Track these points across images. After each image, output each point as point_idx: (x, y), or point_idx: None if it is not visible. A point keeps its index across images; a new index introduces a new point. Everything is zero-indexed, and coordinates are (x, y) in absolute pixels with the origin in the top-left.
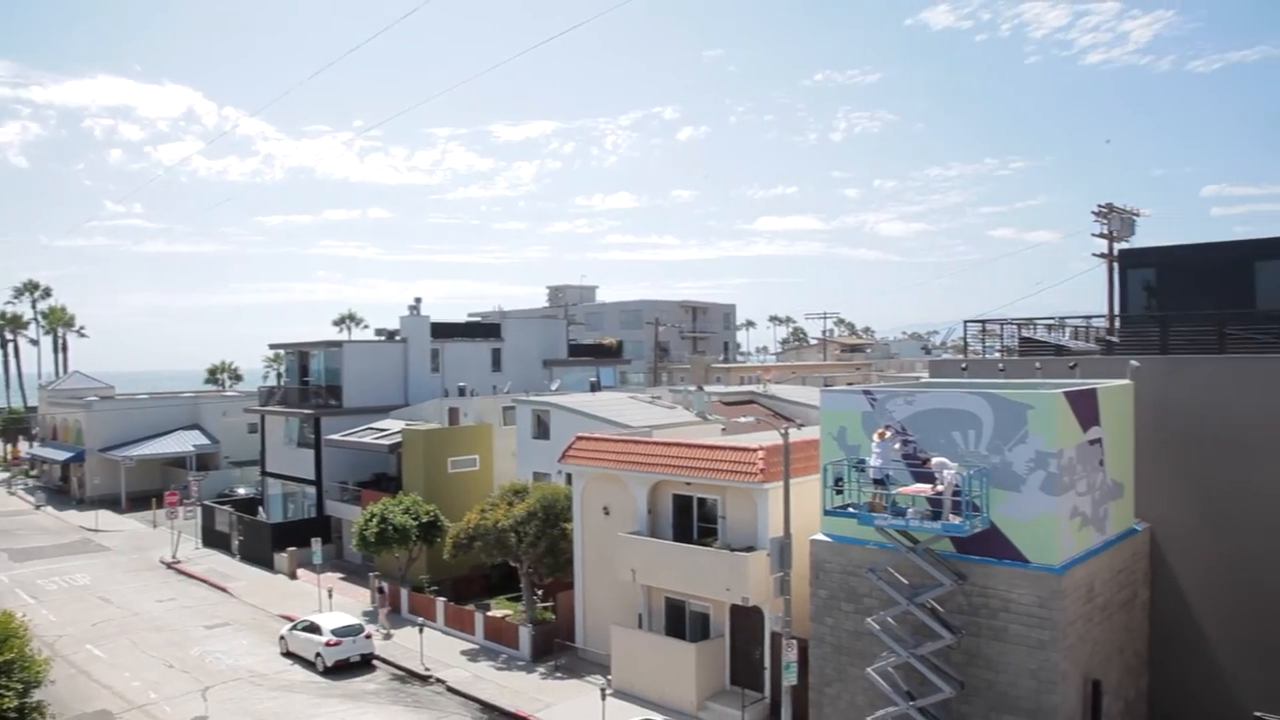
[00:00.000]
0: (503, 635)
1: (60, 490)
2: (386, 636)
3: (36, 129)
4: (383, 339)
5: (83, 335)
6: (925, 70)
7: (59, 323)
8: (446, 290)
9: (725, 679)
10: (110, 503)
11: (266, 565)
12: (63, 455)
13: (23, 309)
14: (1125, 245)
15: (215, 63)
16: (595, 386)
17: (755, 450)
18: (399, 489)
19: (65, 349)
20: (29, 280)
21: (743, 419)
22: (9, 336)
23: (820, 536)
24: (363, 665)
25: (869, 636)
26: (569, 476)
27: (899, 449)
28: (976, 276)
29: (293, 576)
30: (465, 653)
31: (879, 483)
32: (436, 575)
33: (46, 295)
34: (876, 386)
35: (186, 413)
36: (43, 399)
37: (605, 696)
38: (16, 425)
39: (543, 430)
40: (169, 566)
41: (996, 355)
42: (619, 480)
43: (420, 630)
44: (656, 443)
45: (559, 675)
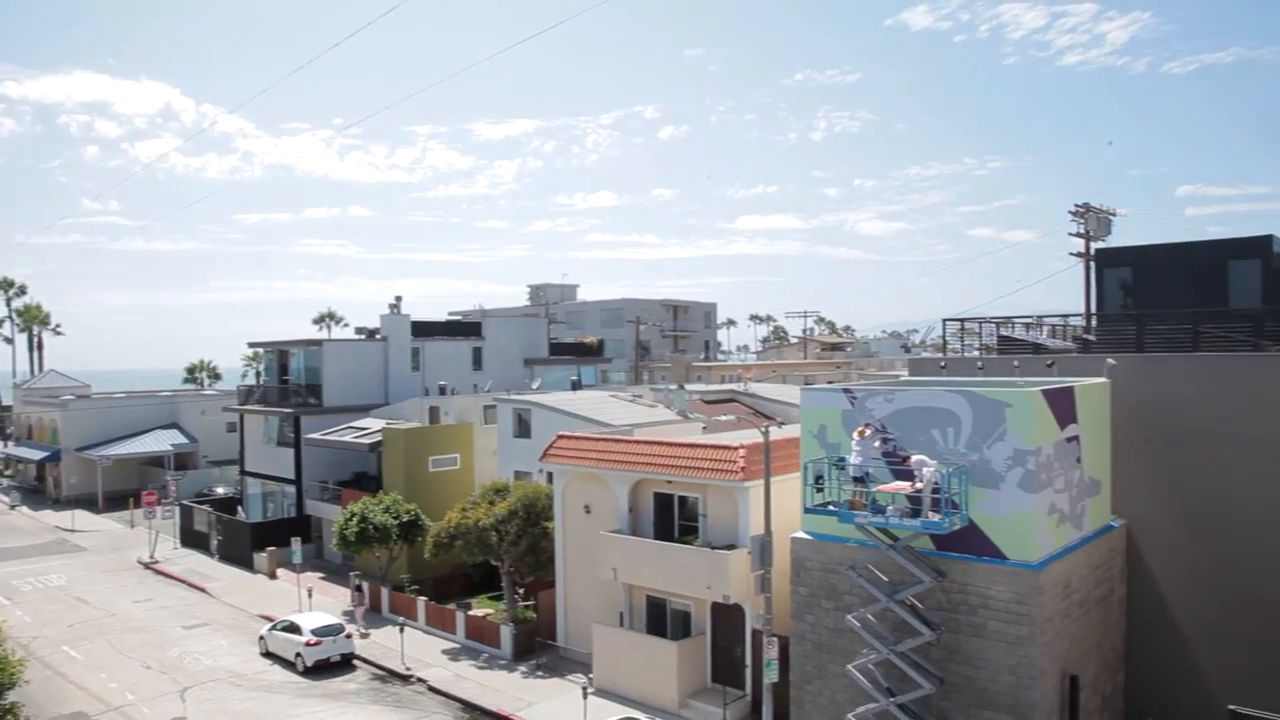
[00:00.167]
0: (484, 634)
1: (35, 490)
2: (364, 635)
3: (11, 125)
4: (363, 338)
5: (59, 333)
6: (905, 70)
7: (34, 321)
8: (427, 289)
9: (707, 677)
10: (87, 502)
11: (246, 565)
12: (38, 455)
13: None
14: (1102, 244)
15: (193, 59)
16: (576, 385)
17: (736, 448)
18: (379, 488)
19: (41, 347)
20: (4, 278)
21: (723, 417)
22: None
23: (801, 534)
24: (343, 665)
25: (849, 634)
26: (550, 475)
27: (879, 447)
28: (955, 275)
29: (272, 576)
30: (446, 652)
31: (859, 480)
32: (417, 574)
33: (22, 293)
34: (856, 385)
35: (164, 412)
36: (18, 398)
37: (587, 695)
38: None
39: (524, 429)
40: (146, 567)
41: (975, 354)
42: (600, 479)
43: (401, 629)
44: (638, 441)
45: (540, 674)
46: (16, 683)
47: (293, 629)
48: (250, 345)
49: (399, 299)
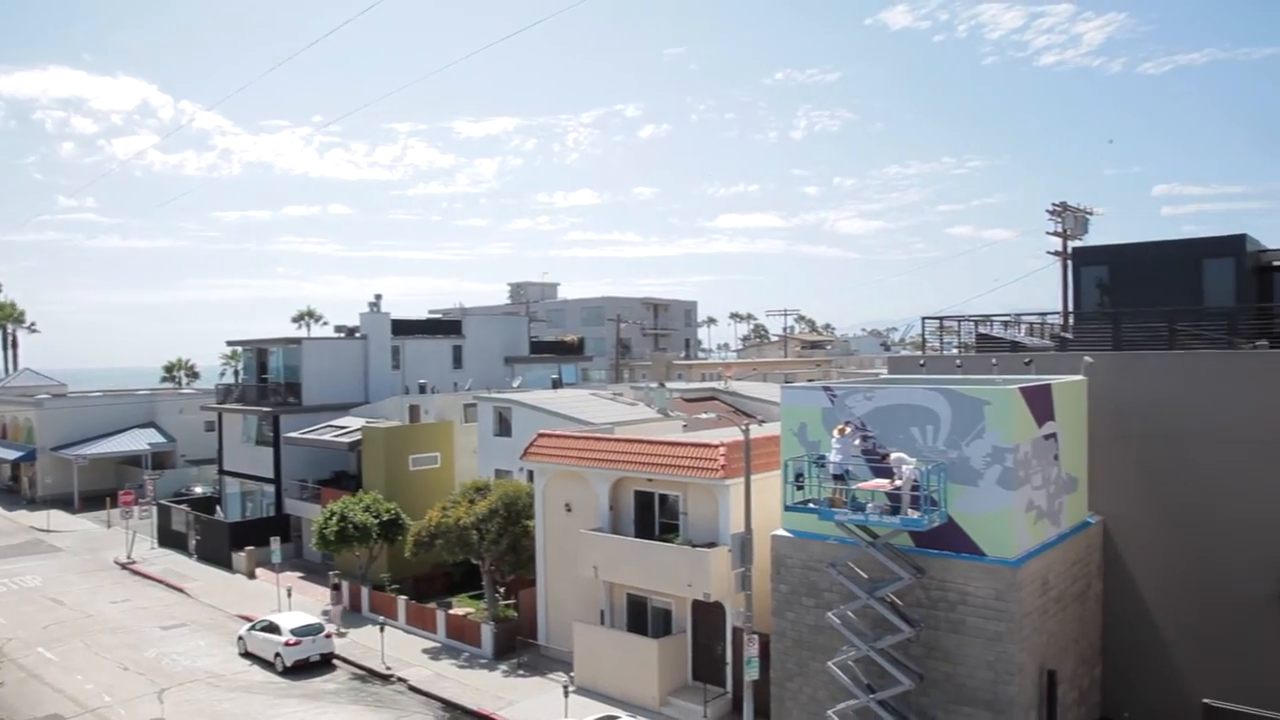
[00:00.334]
0: (465, 633)
1: (10, 490)
2: (340, 635)
3: None
4: (343, 336)
5: (34, 331)
6: (884, 70)
7: (9, 319)
8: (407, 287)
9: (687, 674)
10: (62, 502)
11: (224, 565)
12: (13, 454)
13: None
14: (1079, 243)
15: (170, 55)
16: (557, 383)
17: (716, 447)
18: (359, 487)
19: (15, 345)
20: None
21: (704, 415)
22: None
23: (781, 532)
24: (323, 665)
25: (829, 631)
26: (531, 474)
27: (859, 445)
28: (934, 274)
29: (251, 576)
30: (427, 651)
31: (839, 478)
32: (398, 574)
33: None
34: (836, 383)
35: (142, 410)
36: None
37: (568, 693)
38: None
39: (504, 427)
40: (123, 567)
41: (954, 352)
42: (581, 477)
43: (381, 629)
44: (618, 439)
45: (521, 673)
46: None
47: (272, 629)
48: (229, 343)
49: (379, 297)
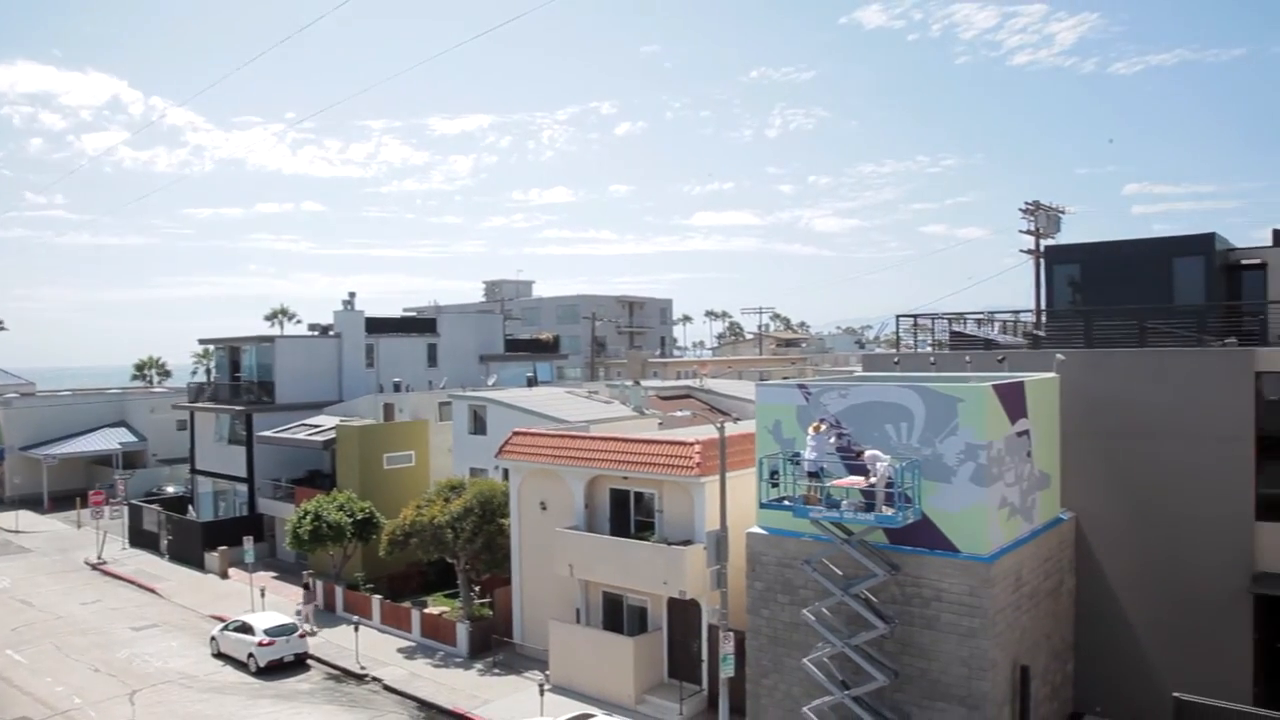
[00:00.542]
0: (440, 632)
1: None
2: (311, 634)
3: None
4: (316, 334)
5: (1, 329)
6: (859, 68)
7: None
8: (381, 285)
9: (663, 672)
10: (31, 503)
11: (197, 565)
12: None
13: None
14: (1051, 242)
15: (141, 51)
16: (532, 382)
17: (691, 444)
18: (333, 486)
19: None
20: None
21: (679, 413)
22: None
23: (756, 529)
24: (297, 665)
25: (805, 627)
26: (506, 472)
27: (833, 442)
28: (908, 272)
29: (224, 576)
30: (402, 650)
31: (814, 475)
32: (372, 573)
33: None
34: (811, 380)
35: (112, 409)
36: None
37: (544, 691)
38: None
39: (479, 426)
40: (94, 568)
41: (928, 349)
42: (556, 475)
43: (356, 628)
44: (593, 437)
45: (497, 671)
46: None
47: (245, 629)
48: (201, 342)
49: (353, 295)
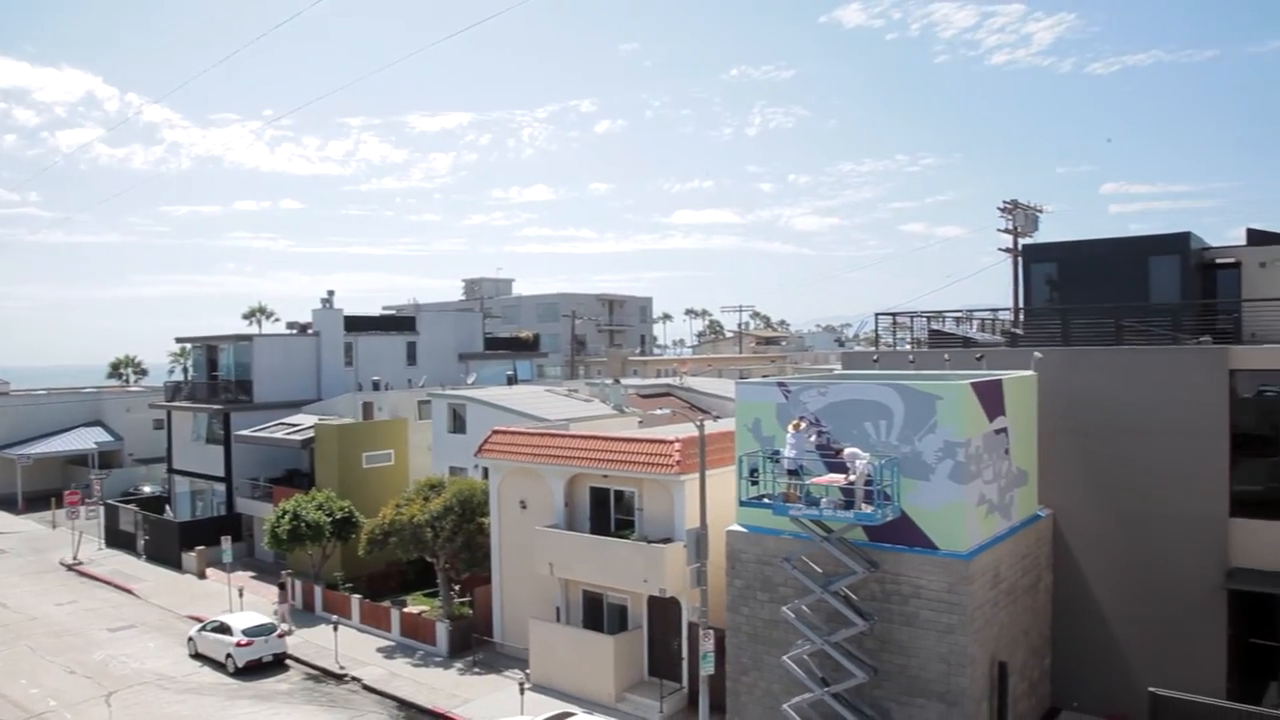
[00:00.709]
0: (419, 631)
1: None
2: (288, 633)
3: None
4: (295, 332)
5: None
6: (838, 67)
7: None
8: (360, 283)
9: (644, 670)
10: (6, 503)
11: (174, 565)
12: None
13: None
14: (1029, 240)
15: (116, 46)
16: (512, 380)
17: (671, 442)
18: (312, 485)
19: None
20: None
21: (659, 411)
22: None
23: (736, 527)
24: (275, 665)
25: (784, 625)
26: (485, 470)
27: (813, 440)
28: (888, 270)
29: (202, 576)
30: (381, 650)
31: (793, 473)
32: (352, 572)
33: None
34: (790, 378)
35: (88, 409)
36: None
37: (524, 690)
38: None
39: (459, 424)
40: (70, 568)
41: (907, 347)
42: (536, 473)
43: (335, 628)
44: (573, 436)
45: (477, 670)
46: None
47: (223, 629)
48: (178, 340)
49: (331, 293)
